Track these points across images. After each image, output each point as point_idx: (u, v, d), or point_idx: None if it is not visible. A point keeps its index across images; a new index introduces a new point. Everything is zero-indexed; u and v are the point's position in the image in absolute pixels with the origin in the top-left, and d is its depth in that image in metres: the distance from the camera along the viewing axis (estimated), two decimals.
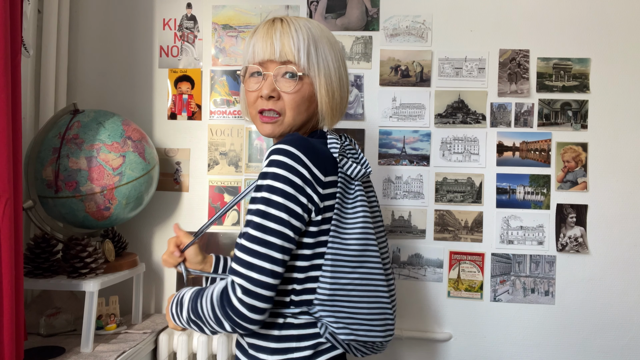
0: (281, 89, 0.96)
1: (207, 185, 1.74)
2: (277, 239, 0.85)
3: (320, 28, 1.00)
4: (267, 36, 0.95)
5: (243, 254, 0.85)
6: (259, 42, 0.96)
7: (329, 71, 0.98)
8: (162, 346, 1.53)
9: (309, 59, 0.95)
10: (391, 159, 1.71)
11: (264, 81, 0.96)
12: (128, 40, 1.77)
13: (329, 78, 0.98)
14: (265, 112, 0.97)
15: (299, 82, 0.96)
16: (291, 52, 0.94)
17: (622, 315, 1.64)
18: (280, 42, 0.94)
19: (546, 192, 1.67)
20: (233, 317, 0.84)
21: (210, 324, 0.88)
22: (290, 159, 0.86)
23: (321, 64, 0.97)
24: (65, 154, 1.35)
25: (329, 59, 0.99)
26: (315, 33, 0.97)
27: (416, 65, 1.70)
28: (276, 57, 0.95)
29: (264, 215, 0.85)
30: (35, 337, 1.42)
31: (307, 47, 0.95)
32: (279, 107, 0.97)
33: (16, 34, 1.11)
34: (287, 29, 0.95)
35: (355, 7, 1.72)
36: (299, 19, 0.99)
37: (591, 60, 1.66)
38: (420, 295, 1.70)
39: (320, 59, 0.97)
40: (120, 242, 1.60)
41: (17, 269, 1.10)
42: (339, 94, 1.01)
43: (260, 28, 0.98)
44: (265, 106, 0.97)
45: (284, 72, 0.96)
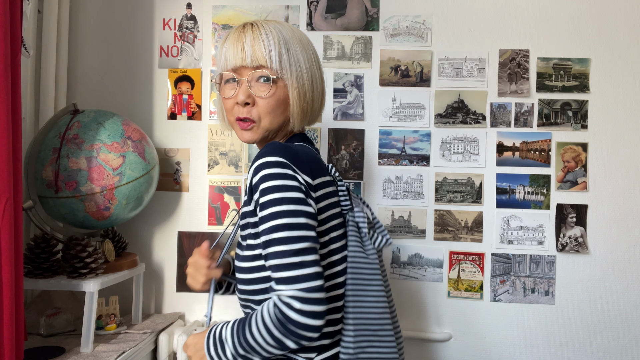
0: (256, 94, 0.96)
1: (207, 186, 1.74)
2: (306, 243, 0.84)
3: (292, 29, 1.00)
4: (238, 42, 0.95)
5: (283, 272, 0.83)
6: (230, 48, 0.96)
7: (300, 72, 0.98)
8: (162, 346, 1.53)
9: (281, 62, 0.95)
10: (391, 159, 1.71)
11: (238, 87, 0.96)
12: (128, 40, 1.77)
13: (301, 79, 0.98)
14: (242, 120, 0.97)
15: (272, 85, 0.95)
16: (262, 56, 0.94)
17: (622, 315, 1.64)
18: (251, 46, 0.94)
19: (546, 192, 1.67)
20: (297, 331, 0.82)
21: (268, 349, 0.84)
22: (278, 167, 0.86)
23: (293, 66, 0.97)
24: (65, 154, 1.35)
25: (301, 59, 0.98)
26: (286, 35, 0.97)
27: (416, 65, 1.70)
28: (248, 62, 0.94)
29: (285, 227, 0.84)
30: (35, 337, 1.42)
31: (278, 50, 0.95)
32: (254, 113, 0.97)
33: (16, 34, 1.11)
34: (257, 33, 0.95)
35: (355, 7, 1.72)
36: (270, 22, 0.98)
37: (591, 60, 1.66)
38: (420, 295, 1.70)
39: (292, 60, 0.97)
40: (120, 242, 1.60)
41: (17, 269, 1.10)
42: (310, 95, 1.00)
43: (231, 34, 0.98)
44: (241, 114, 0.97)
45: (257, 77, 0.95)
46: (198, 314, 1.74)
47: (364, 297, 0.94)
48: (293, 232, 0.83)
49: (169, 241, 1.75)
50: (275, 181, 0.85)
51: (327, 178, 0.95)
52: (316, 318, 0.81)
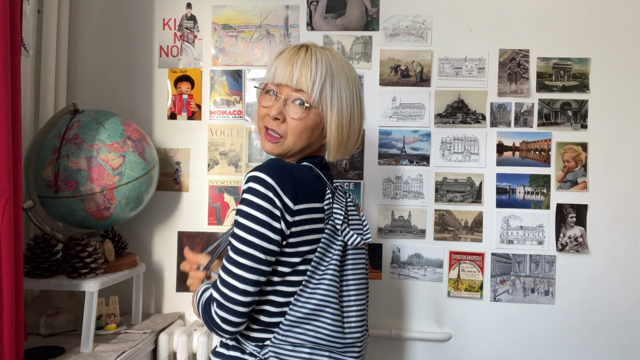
0: (288, 113, 1.02)
1: (207, 185, 1.74)
2: (248, 260, 0.91)
3: (341, 65, 1.06)
4: (289, 62, 1.02)
5: (221, 272, 0.94)
6: (281, 65, 1.03)
7: (341, 108, 1.04)
8: (162, 346, 1.53)
9: (321, 93, 1.01)
10: (391, 159, 1.71)
11: (275, 102, 1.02)
12: (128, 40, 1.77)
13: (341, 114, 1.04)
14: (270, 130, 1.04)
15: (305, 111, 1.01)
16: (306, 82, 1.00)
17: (622, 315, 1.64)
18: (300, 71, 1.01)
19: (546, 192, 1.67)
20: (210, 324, 0.94)
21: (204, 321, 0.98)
22: (261, 186, 0.92)
23: (335, 100, 1.03)
24: (65, 154, 1.35)
25: (344, 96, 1.04)
26: (334, 69, 1.03)
27: (416, 65, 1.70)
28: (292, 84, 1.01)
29: (238, 239, 0.92)
30: (35, 337, 1.42)
31: (323, 82, 1.01)
32: (282, 129, 1.03)
33: (16, 34, 1.11)
34: (308, 60, 1.01)
35: (355, 7, 1.72)
36: (325, 50, 1.05)
37: (591, 60, 1.66)
38: (420, 295, 1.70)
39: (335, 94, 1.03)
40: (120, 242, 1.60)
41: (17, 269, 1.10)
42: (347, 130, 1.06)
43: (287, 52, 1.04)
44: (270, 125, 1.03)
45: (294, 98, 1.01)
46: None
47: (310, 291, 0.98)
48: (244, 247, 0.91)
49: (169, 241, 1.75)
50: (252, 197, 0.93)
51: (315, 205, 0.98)
52: (227, 324, 0.92)
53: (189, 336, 1.55)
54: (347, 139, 1.07)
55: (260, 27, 1.74)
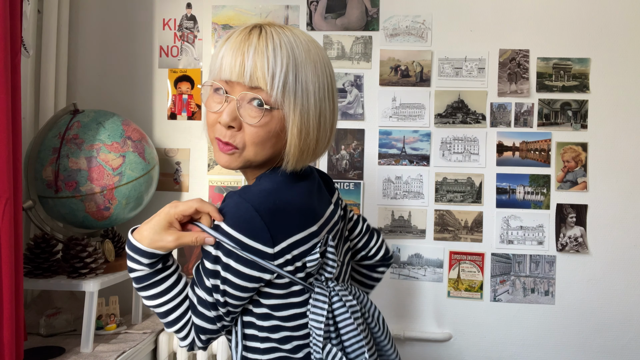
0: (244, 118, 0.79)
1: (207, 185, 1.74)
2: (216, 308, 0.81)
3: (307, 47, 0.81)
4: (239, 51, 0.78)
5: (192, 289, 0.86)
6: (228, 56, 0.79)
7: (307, 105, 0.80)
8: (162, 346, 1.53)
9: (284, 89, 0.78)
10: (391, 159, 1.71)
11: (226, 104, 0.80)
12: (128, 40, 1.77)
13: (306, 115, 0.80)
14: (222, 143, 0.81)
15: (266, 114, 0.78)
16: (264, 77, 0.77)
17: (622, 315, 1.64)
18: (253, 62, 0.77)
19: (546, 192, 1.67)
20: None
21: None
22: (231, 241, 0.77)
23: (298, 97, 0.79)
24: (65, 154, 1.35)
25: (310, 90, 0.80)
26: (298, 55, 0.79)
27: (416, 65, 1.70)
28: (245, 80, 0.77)
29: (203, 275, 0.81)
30: (35, 337, 1.42)
31: (285, 73, 0.78)
32: (238, 140, 0.80)
33: (16, 34, 1.11)
34: (263, 46, 0.77)
35: (355, 7, 1.72)
36: (284, 31, 0.81)
37: (591, 60, 1.66)
38: (420, 295, 1.70)
39: (299, 89, 0.79)
40: (120, 242, 1.60)
41: (17, 269, 1.10)
42: (314, 135, 0.82)
43: (234, 37, 0.80)
44: (223, 136, 0.80)
45: (250, 99, 0.79)
46: None
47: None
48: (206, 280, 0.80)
49: None
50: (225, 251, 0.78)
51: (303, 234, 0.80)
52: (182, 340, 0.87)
53: None
54: (315, 146, 0.83)
55: None
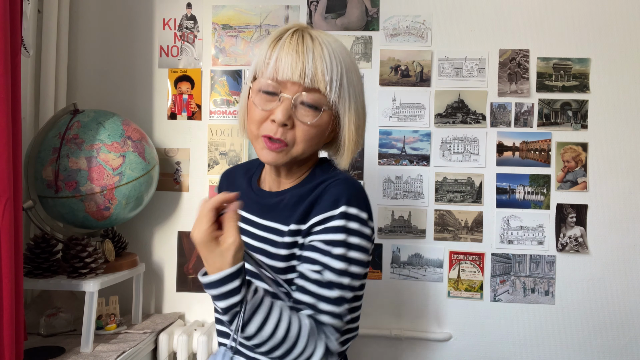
0: (299, 117, 0.84)
1: (207, 185, 1.74)
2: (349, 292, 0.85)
3: (347, 52, 0.88)
4: (298, 54, 0.81)
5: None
6: (287, 57, 0.81)
7: (357, 106, 0.88)
8: (162, 346, 1.53)
9: (340, 91, 0.84)
10: (391, 159, 1.71)
11: (280, 103, 0.83)
12: (128, 40, 1.77)
13: (358, 113, 0.88)
14: (273, 139, 0.84)
15: (321, 114, 0.84)
16: (324, 81, 0.82)
17: (622, 315, 1.64)
18: (314, 65, 0.81)
19: (546, 192, 1.67)
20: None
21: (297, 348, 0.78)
22: (362, 226, 0.83)
23: (352, 98, 0.86)
24: (65, 154, 1.35)
25: (357, 91, 0.88)
26: (346, 61, 0.86)
27: (416, 65, 1.70)
28: (306, 82, 0.81)
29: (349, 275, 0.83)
30: (35, 337, 1.42)
31: (340, 78, 0.84)
32: (289, 137, 0.84)
33: (16, 34, 1.11)
34: (319, 51, 0.82)
35: (355, 7, 1.72)
36: (328, 38, 0.86)
37: (591, 60, 1.66)
38: (420, 295, 1.70)
39: (351, 91, 0.87)
40: (120, 242, 1.60)
41: (17, 269, 1.10)
42: (363, 130, 0.92)
43: (287, 40, 0.83)
44: (274, 134, 0.83)
45: (308, 100, 0.83)
46: (198, 314, 1.73)
47: None
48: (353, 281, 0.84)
49: (169, 241, 1.75)
50: (356, 239, 0.83)
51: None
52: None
53: (189, 336, 1.55)
54: (363, 141, 0.92)
55: (260, 27, 1.74)
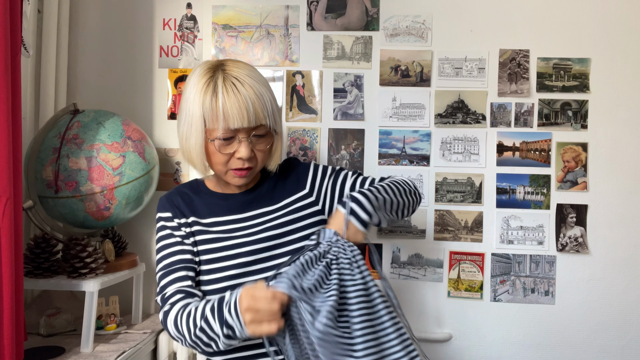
0: (255, 147, 1.07)
1: None
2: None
3: (259, 74, 1.09)
4: (240, 104, 1.01)
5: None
6: (232, 110, 1.00)
7: (279, 115, 1.13)
8: (162, 346, 1.53)
9: (273, 115, 1.07)
10: (391, 159, 1.71)
11: (239, 144, 1.04)
12: (128, 40, 1.77)
13: (281, 126, 1.14)
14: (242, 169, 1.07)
15: (268, 139, 1.09)
16: (264, 117, 1.04)
17: (622, 315, 1.64)
18: (253, 108, 1.02)
19: (546, 192, 1.67)
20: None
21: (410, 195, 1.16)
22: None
23: (277, 113, 1.10)
24: (65, 154, 1.35)
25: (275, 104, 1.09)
26: (264, 84, 1.07)
27: (416, 65, 1.70)
28: (252, 124, 1.03)
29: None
30: (35, 337, 1.42)
31: (270, 106, 1.06)
32: (253, 162, 1.08)
33: (16, 34, 1.11)
34: (252, 93, 1.02)
35: (355, 7, 1.72)
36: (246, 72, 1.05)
37: (591, 60, 1.66)
38: (420, 295, 1.70)
39: (275, 108, 1.09)
40: (120, 242, 1.60)
41: (17, 269, 1.10)
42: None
43: (224, 92, 1.01)
44: (243, 165, 1.06)
45: (256, 133, 1.05)
46: None
47: None
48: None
49: None
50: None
51: None
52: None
53: None
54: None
55: (260, 27, 1.74)
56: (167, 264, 1.07)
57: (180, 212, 1.12)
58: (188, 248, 1.08)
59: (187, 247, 1.08)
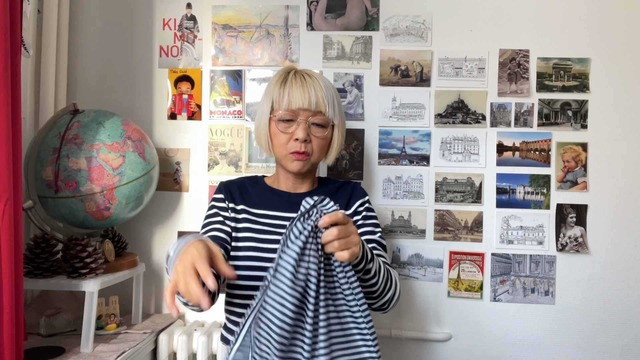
0: (313, 133, 1.18)
1: (207, 185, 1.74)
2: None
3: (332, 84, 1.25)
4: (304, 88, 1.16)
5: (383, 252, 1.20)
6: (297, 92, 1.15)
7: (342, 119, 1.26)
8: (162, 346, 1.53)
9: (334, 110, 1.20)
10: (391, 159, 1.71)
11: (297, 126, 1.17)
12: (128, 40, 1.77)
13: (344, 123, 1.27)
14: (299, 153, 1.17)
15: (325, 129, 1.20)
16: (324, 104, 1.17)
17: (622, 315, 1.64)
18: (316, 95, 1.16)
19: (546, 192, 1.67)
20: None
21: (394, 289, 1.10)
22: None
23: (340, 114, 1.23)
24: (65, 154, 1.35)
25: (341, 108, 1.25)
26: (334, 89, 1.23)
27: (416, 65, 1.70)
28: (312, 107, 1.16)
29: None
30: (35, 337, 1.42)
31: (333, 100, 1.19)
32: (309, 148, 1.19)
33: (16, 34, 1.11)
34: (318, 84, 1.18)
35: (355, 7, 1.72)
36: (318, 75, 1.22)
37: (591, 60, 1.66)
38: (420, 295, 1.70)
39: (339, 109, 1.23)
40: (120, 242, 1.60)
41: (17, 269, 1.10)
42: (344, 135, 1.29)
43: (292, 80, 1.18)
44: (300, 149, 1.17)
45: (314, 121, 1.18)
46: (198, 314, 1.74)
47: None
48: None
49: (169, 241, 1.75)
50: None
51: None
52: None
53: (189, 336, 1.55)
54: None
55: (260, 27, 1.74)
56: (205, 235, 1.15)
57: (232, 198, 1.22)
58: (227, 229, 1.18)
59: (226, 227, 1.18)
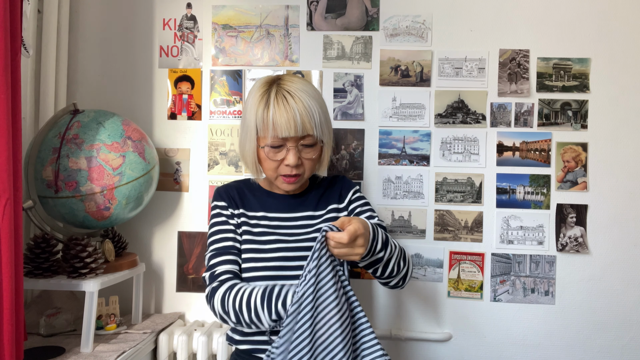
0: (303, 156, 1.17)
1: (207, 185, 1.74)
2: None
3: (314, 87, 1.19)
4: (289, 114, 1.11)
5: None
6: (281, 120, 1.11)
7: (330, 129, 1.22)
8: (162, 346, 1.53)
9: (321, 128, 1.16)
10: (391, 159, 1.71)
11: (287, 152, 1.15)
12: (128, 40, 1.77)
13: (330, 134, 1.22)
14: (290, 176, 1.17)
15: (316, 148, 1.18)
16: (311, 128, 1.13)
17: (622, 315, 1.64)
18: (301, 119, 1.11)
19: (546, 192, 1.67)
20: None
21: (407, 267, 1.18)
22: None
23: (327, 126, 1.19)
24: (65, 154, 1.35)
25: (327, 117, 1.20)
26: (316, 98, 1.16)
27: (416, 65, 1.70)
28: (299, 133, 1.13)
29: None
30: (35, 337, 1.42)
31: (319, 118, 1.14)
32: (301, 170, 1.18)
33: (16, 34, 1.11)
34: (301, 105, 1.12)
35: (355, 7, 1.72)
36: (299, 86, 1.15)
37: (591, 60, 1.66)
38: (420, 295, 1.70)
39: (325, 121, 1.18)
40: (120, 242, 1.60)
41: (17, 269, 1.10)
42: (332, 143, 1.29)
43: (274, 104, 1.12)
44: (291, 172, 1.17)
45: (303, 142, 1.15)
46: (198, 314, 1.74)
47: None
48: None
49: (169, 241, 1.75)
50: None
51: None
52: None
53: (189, 336, 1.55)
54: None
55: (260, 27, 1.74)
56: (220, 247, 1.19)
57: (234, 203, 1.24)
58: (238, 237, 1.20)
59: (237, 236, 1.21)
